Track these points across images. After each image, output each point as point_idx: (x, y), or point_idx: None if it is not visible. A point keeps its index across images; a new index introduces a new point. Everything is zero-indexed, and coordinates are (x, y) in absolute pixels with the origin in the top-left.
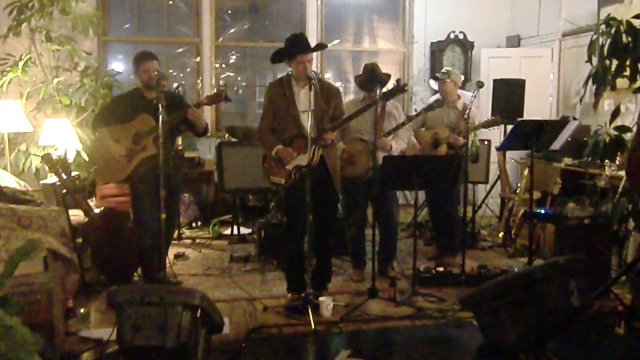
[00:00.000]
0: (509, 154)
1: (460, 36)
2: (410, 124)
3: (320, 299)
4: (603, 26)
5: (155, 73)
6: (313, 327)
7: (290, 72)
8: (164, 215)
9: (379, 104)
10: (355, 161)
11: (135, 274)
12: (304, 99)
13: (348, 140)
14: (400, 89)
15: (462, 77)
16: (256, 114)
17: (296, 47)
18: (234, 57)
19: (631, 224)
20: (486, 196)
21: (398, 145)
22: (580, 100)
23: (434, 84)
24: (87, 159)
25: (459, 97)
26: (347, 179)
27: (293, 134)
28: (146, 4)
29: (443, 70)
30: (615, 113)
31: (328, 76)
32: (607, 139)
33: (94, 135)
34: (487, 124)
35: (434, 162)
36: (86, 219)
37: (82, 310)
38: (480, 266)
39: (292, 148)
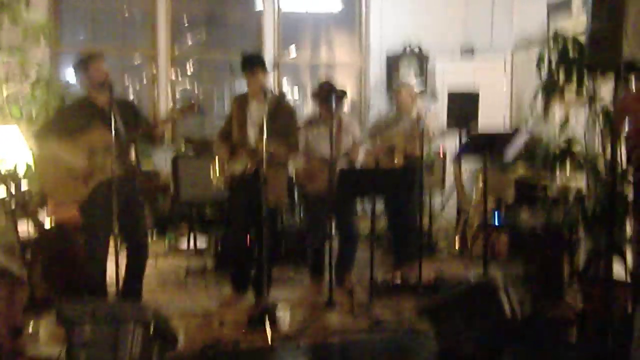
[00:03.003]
0: (464, 164)
1: (416, 48)
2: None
3: (277, 312)
4: (551, 39)
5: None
6: (270, 341)
7: None
8: (117, 230)
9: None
10: (316, 178)
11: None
12: (254, 112)
13: (307, 157)
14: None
15: (419, 86)
16: (214, 125)
17: (242, 65)
18: (191, 67)
19: (581, 231)
20: (442, 206)
21: (362, 156)
22: (532, 111)
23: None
24: None
25: (413, 107)
26: (308, 196)
27: (238, 142)
28: (100, 14)
29: (398, 82)
30: (564, 123)
31: (285, 88)
32: (557, 150)
33: (38, 149)
34: (441, 134)
35: (388, 172)
36: (36, 234)
37: (31, 328)
38: (437, 275)
39: (233, 155)
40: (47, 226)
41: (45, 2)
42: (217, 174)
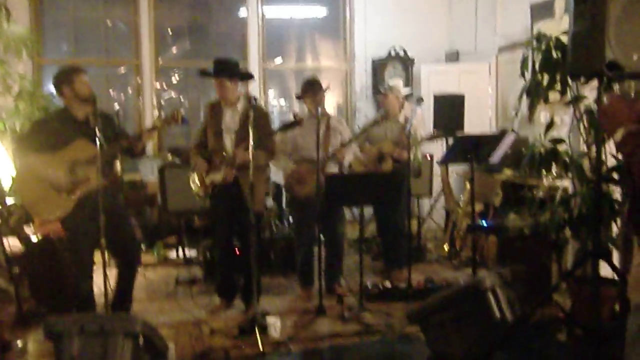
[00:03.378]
0: (451, 167)
1: (401, 52)
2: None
3: (268, 319)
4: (534, 42)
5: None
6: (261, 348)
7: None
8: (103, 240)
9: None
10: (305, 182)
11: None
12: (229, 119)
13: (296, 160)
14: (297, 123)
15: (406, 91)
16: None
17: (213, 71)
18: (176, 77)
19: (568, 232)
20: (431, 209)
21: (349, 156)
22: (516, 113)
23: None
24: None
25: (400, 111)
26: (296, 199)
27: (214, 150)
28: (83, 26)
29: (385, 85)
30: (550, 125)
31: (271, 94)
32: (543, 151)
33: (17, 164)
34: (429, 138)
35: (376, 178)
36: (23, 248)
37: (19, 343)
38: (427, 279)
39: (210, 163)
40: (34, 240)
41: (27, 13)
42: (198, 186)
